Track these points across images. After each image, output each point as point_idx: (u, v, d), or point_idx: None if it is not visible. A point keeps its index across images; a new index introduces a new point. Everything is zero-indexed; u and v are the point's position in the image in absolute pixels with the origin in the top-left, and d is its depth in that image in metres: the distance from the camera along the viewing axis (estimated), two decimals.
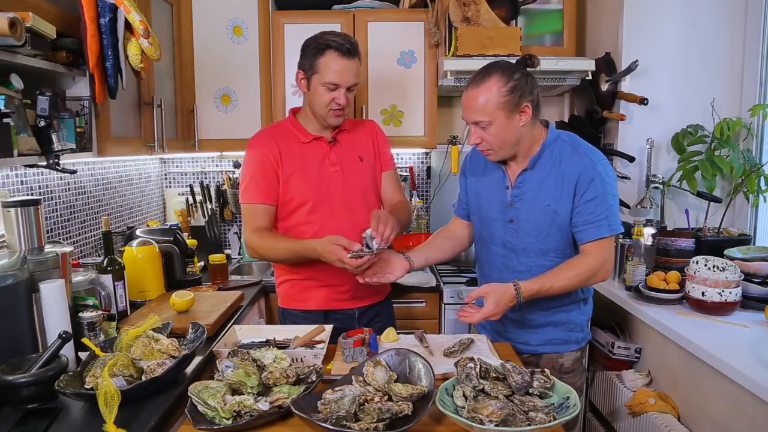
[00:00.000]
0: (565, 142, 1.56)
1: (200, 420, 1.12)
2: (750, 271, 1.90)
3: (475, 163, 1.72)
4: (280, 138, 1.80)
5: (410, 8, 2.68)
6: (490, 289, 1.47)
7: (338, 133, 1.83)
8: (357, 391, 1.17)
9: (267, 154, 1.76)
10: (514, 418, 1.07)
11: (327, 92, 1.70)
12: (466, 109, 1.51)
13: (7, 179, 1.76)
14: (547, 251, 1.56)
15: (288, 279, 1.89)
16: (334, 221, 1.77)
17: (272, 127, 1.91)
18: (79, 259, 2.07)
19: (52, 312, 1.36)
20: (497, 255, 1.65)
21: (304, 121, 1.83)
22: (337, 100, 1.71)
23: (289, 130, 1.82)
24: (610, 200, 1.51)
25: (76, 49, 1.61)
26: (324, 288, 1.83)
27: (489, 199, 1.65)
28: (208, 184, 3.03)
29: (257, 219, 1.77)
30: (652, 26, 2.36)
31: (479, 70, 1.51)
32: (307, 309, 1.86)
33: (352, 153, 1.84)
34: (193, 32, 2.61)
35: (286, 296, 1.91)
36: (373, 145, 1.89)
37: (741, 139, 2.28)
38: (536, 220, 1.55)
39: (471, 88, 1.49)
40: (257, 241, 1.75)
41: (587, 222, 1.51)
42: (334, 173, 1.80)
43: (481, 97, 1.46)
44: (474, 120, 1.50)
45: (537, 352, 1.65)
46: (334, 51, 1.67)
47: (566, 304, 1.63)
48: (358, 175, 1.84)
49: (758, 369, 1.42)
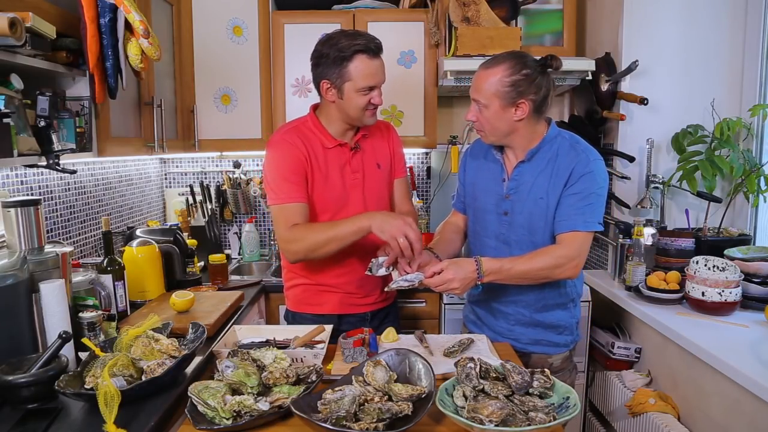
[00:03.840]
0: (564, 139, 1.58)
1: (200, 420, 1.11)
2: (750, 271, 1.90)
3: (474, 155, 1.74)
4: (306, 139, 1.70)
5: (410, 8, 2.68)
6: (449, 262, 1.48)
7: (360, 139, 1.77)
8: (357, 391, 1.17)
9: (297, 154, 1.66)
10: (514, 418, 1.07)
11: (363, 96, 1.64)
12: (473, 85, 1.55)
13: (7, 179, 1.76)
14: (537, 244, 1.57)
15: (301, 283, 1.83)
16: None
17: (296, 126, 1.75)
18: (79, 259, 2.07)
19: (52, 312, 1.36)
20: (489, 248, 1.65)
21: (326, 123, 1.73)
22: (374, 100, 1.67)
23: (313, 132, 1.72)
24: (593, 198, 1.51)
25: (76, 49, 1.61)
26: (340, 293, 1.80)
27: (485, 191, 1.66)
28: (208, 184, 3.03)
29: (293, 217, 1.63)
30: (652, 26, 2.36)
31: (501, 53, 1.54)
32: (319, 313, 1.81)
33: (372, 160, 1.79)
34: (193, 32, 2.61)
35: (297, 299, 1.86)
36: (389, 150, 1.85)
37: (741, 139, 2.28)
38: (529, 213, 1.57)
39: (483, 67, 1.53)
40: (299, 233, 1.59)
41: (565, 214, 1.52)
42: (355, 180, 1.75)
43: (487, 79, 1.50)
44: (475, 97, 1.54)
45: (527, 351, 1.65)
46: (363, 54, 1.61)
47: (557, 303, 1.63)
48: (376, 183, 1.79)
49: (758, 369, 1.42)
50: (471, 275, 1.46)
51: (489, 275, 1.47)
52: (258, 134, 2.71)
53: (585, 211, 1.50)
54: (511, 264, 1.49)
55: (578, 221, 1.51)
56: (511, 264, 1.49)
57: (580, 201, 1.51)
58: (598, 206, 1.53)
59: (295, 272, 1.84)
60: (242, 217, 3.11)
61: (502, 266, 1.48)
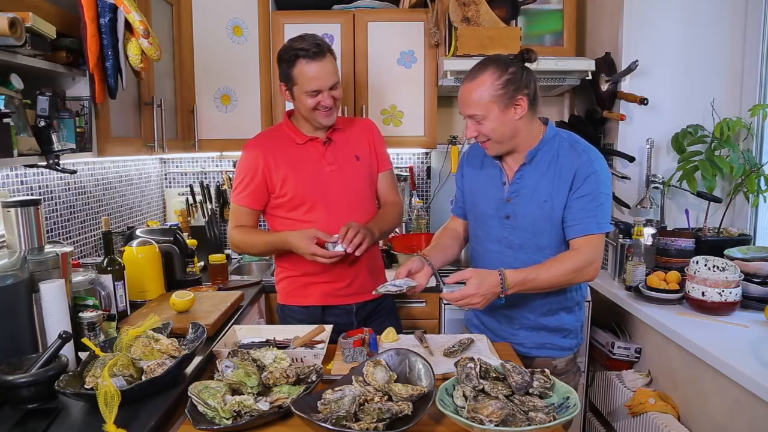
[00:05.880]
0: (563, 139, 1.56)
1: (200, 420, 1.12)
2: (750, 271, 1.90)
3: (471, 160, 1.72)
4: (274, 142, 1.83)
5: (410, 8, 2.68)
6: (473, 273, 1.46)
7: (332, 133, 1.84)
8: (357, 391, 1.17)
9: (257, 161, 1.80)
10: (514, 418, 1.07)
11: (311, 98, 1.72)
12: (462, 103, 1.53)
13: (7, 179, 1.76)
14: (542, 248, 1.56)
15: (287, 276, 1.91)
16: (333, 219, 1.77)
17: (268, 131, 1.94)
18: (79, 259, 2.07)
19: (52, 312, 1.36)
20: (492, 252, 1.64)
21: (298, 122, 1.85)
22: (323, 102, 1.73)
23: (285, 132, 1.85)
24: (602, 198, 1.50)
25: (76, 49, 1.61)
26: (322, 284, 1.85)
27: (485, 195, 1.65)
28: (208, 184, 3.03)
29: (241, 219, 1.85)
30: (652, 26, 2.36)
31: (476, 64, 1.52)
32: (305, 305, 1.87)
33: (348, 152, 1.86)
34: (193, 32, 2.61)
35: (284, 293, 1.93)
36: (368, 143, 1.90)
37: (741, 139, 2.28)
38: (533, 216, 1.55)
39: (466, 82, 1.51)
40: (238, 236, 1.84)
41: (577, 218, 1.51)
42: (331, 173, 1.82)
43: (476, 91, 1.47)
44: (469, 113, 1.51)
45: (531, 355, 1.64)
46: (302, 59, 1.68)
47: (562, 307, 1.62)
48: (355, 174, 1.86)
49: (758, 369, 1.42)
50: (494, 289, 1.43)
51: (513, 287, 1.44)
52: None
53: (597, 213, 1.49)
54: (535, 274, 1.46)
55: (591, 224, 1.49)
56: (536, 274, 1.46)
57: (590, 203, 1.49)
58: (607, 206, 1.53)
59: (281, 266, 1.93)
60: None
61: (527, 277, 1.45)
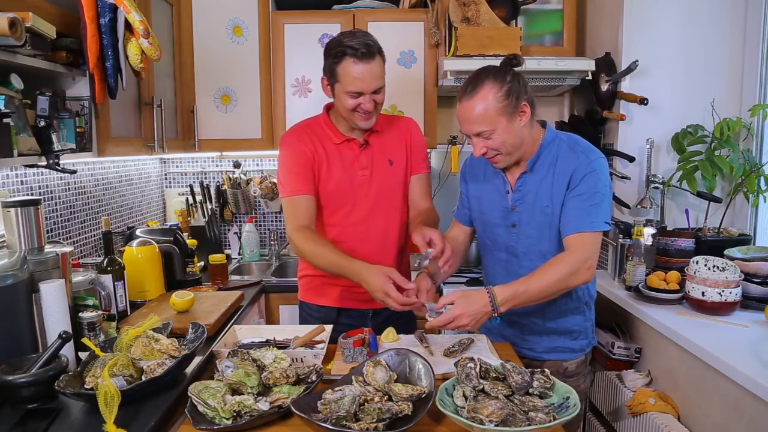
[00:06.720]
0: (562, 142, 1.54)
1: (200, 420, 1.11)
2: (750, 271, 1.90)
3: (474, 169, 1.69)
4: (314, 135, 1.73)
5: (410, 8, 2.68)
6: (459, 294, 1.40)
7: (370, 135, 1.76)
8: (357, 391, 1.17)
9: (303, 150, 1.70)
10: (514, 418, 1.07)
11: (351, 99, 1.62)
12: (465, 122, 1.46)
13: (7, 179, 1.76)
14: (545, 253, 1.54)
15: (308, 274, 1.87)
16: (356, 225, 1.75)
17: (307, 123, 1.80)
18: (79, 259, 2.07)
19: (52, 312, 1.36)
20: (501, 260, 1.63)
21: (336, 119, 1.76)
22: (363, 106, 1.62)
23: (323, 128, 1.75)
24: (597, 198, 1.47)
25: (76, 49, 1.61)
26: (339, 286, 1.80)
27: (490, 204, 1.63)
28: (208, 184, 3.03)
29: (299, 214, 1.67)
30: (652, 26, 2.36)
31: (469, 80, 1.46)
32: (322, 304, 1.85)
33: (383, 156, 1.77)
34: (193, 32, 2.62)
35: (304, 290, 1.90)
36: (406, 147, 1.82)
37: (741, 139, 2.28)
38: (537, 222, 1.54)
39: (465, 99, 1.44)
40: (302, 242, 1.63)
41: (570, 216, 1.48)
42: (363, 177, 1.74)
43: (479, 106, 1.42)
44: (476, 131, 1.45)
45: (541, 359, 1.63)
46: (350, 57, 1.57)
47: (570, 308, 1.61)
48: (386, 180, 1.77)
49: (758, 369, 1.42)
50: (483, 309, 1.37)
51: (505, 304, 1.39)
52: (258, 134, 2.71)
53: (591, 211, 1.46)
54: (525, 285, 1.40)
55: (584, 222, 1.46)
56: (525, 285, 1.40)
57: (585, 201, 1.47)
58: (604, 205, 1.49)
59: (303, 263, 1.88)
60: (242, 217, 3.11)
61: (516, 290, 1.39)
